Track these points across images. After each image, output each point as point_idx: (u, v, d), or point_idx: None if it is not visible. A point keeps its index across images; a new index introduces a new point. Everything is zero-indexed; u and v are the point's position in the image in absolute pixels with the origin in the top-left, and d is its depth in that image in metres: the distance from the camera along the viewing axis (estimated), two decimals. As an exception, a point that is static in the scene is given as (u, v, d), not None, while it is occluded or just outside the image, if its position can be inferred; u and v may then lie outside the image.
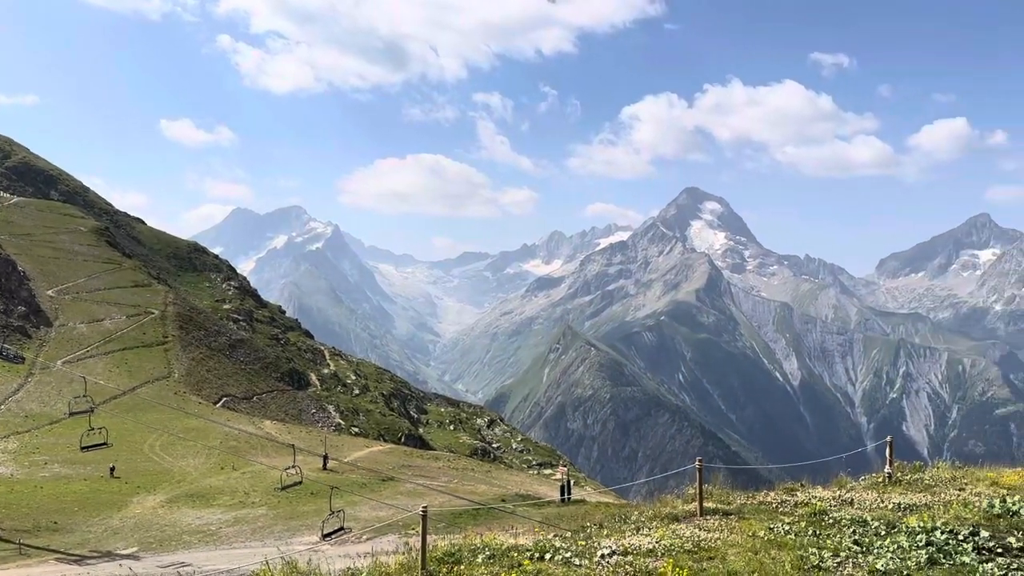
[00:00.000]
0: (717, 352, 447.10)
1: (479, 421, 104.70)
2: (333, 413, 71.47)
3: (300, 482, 35.40)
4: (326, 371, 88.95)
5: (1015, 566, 12.54)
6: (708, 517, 15.39)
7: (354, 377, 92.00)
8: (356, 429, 70.03)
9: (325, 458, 41.87)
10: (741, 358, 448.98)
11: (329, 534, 25.45)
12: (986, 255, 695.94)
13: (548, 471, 77.34)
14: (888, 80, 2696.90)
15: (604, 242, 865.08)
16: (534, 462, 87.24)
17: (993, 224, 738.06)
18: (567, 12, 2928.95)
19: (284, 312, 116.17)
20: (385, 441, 65.88)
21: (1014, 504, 15.63)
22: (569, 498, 37.07)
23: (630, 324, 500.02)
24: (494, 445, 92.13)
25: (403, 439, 72.59)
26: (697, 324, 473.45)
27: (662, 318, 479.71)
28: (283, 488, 34.60)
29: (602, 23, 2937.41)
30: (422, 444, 73.76)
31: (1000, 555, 13.12)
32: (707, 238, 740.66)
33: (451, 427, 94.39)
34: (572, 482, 42.09)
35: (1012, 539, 13.73)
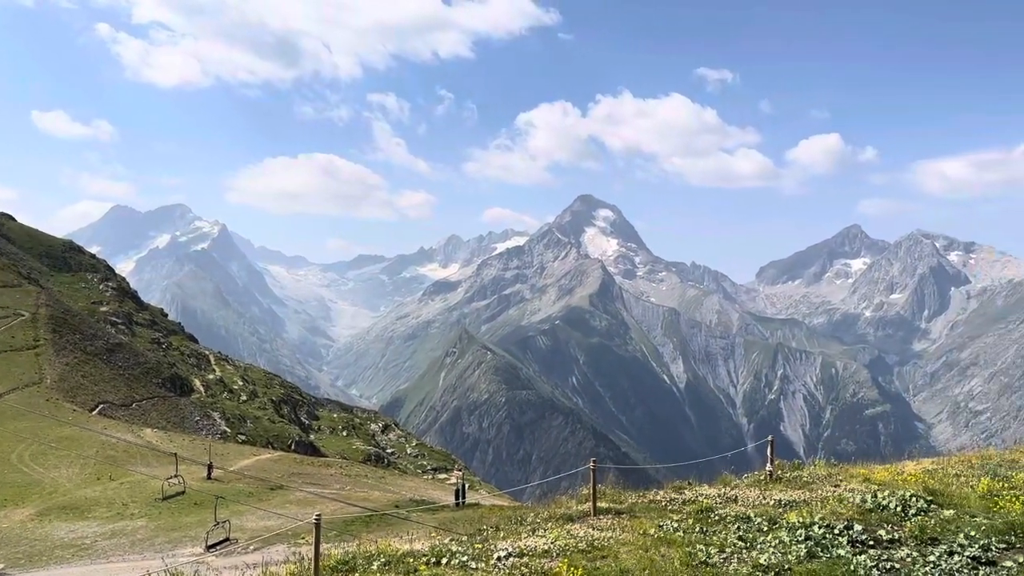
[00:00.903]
0: (609, 356, 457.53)
1: (373, 426, 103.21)
2: (218, 420, 68.84)
3: (183, 492, 33.96)
4: (211, 377, 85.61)
5: (885, 557, 13.40)
6: (601, 517, 15.68)
7: (241, 383, 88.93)
8: (243, 436, 67.70)
9: (209, 467, 40.29)
10: (631, 361, 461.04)
11: (214, 545, 24.49)
12: (857, 264, 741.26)
13: (443, 475, 77.07)
14: (768, 96, 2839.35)
15: (501, 247, 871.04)
16: (429, 467, 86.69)
17: (864, 235, 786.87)
18: (464, 16, 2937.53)
19: (166, 315, 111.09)
20: (274, 449, 63.98)
21: (884, 499, 16.66)
22: (464, 502, 37.01)
23: (526, 328, 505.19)
24: (388, 451, 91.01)
25: (293, 446, 70.67)
26: (590, 328, 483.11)
27: (557, 322, 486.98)
28: (165, 499, 33.09)
29: (498, 29, 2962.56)
30: (313, 451, 72.04)
31: (872, 547, 13.98)
32: (600, 244, 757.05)
33: (344, 433, 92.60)
34: (467, 486, 42.06)
35: (882, 532, 14.65)
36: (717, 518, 15.45)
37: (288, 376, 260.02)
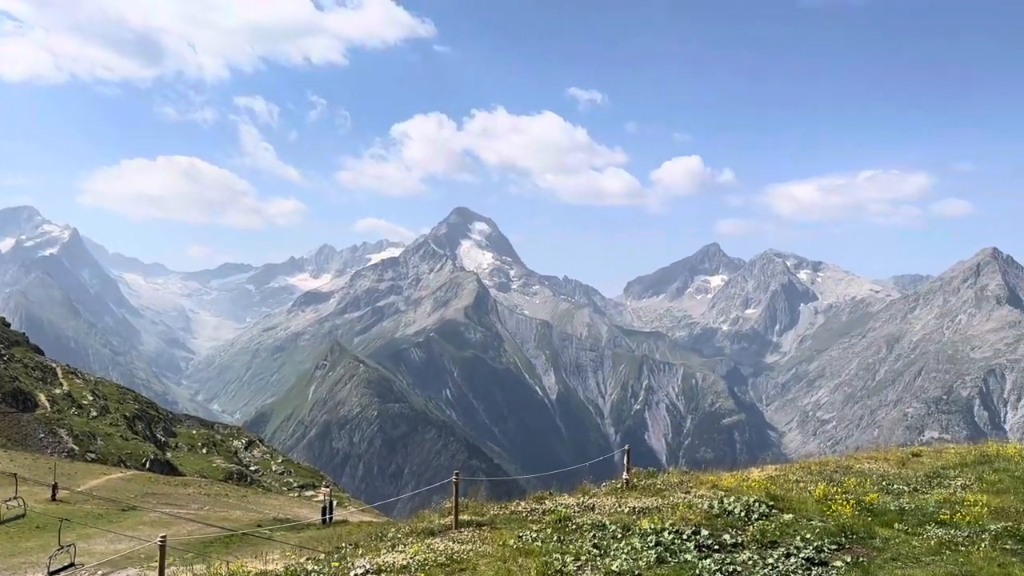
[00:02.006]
0: (483, 368, 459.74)
1: (236, 443, 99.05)
2: (65, 437, 64.21)
3: (23, 515, 31.57)
4: (58, 391, 79.74)
5: (728, 560, 14.16)
6: (463, 529, 15.76)
7: (91, 397, 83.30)
8: (93, 455, 63.42)
9: (54, 488, 37.58)
10: (505, 374, 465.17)
11: (57, 571, 22.87)
12: (716, 281, 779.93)
13: (310, 493, 74.93)
14: (635, 118, 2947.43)
15: (375, 257, 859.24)
16: (296, 484, 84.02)
17: (722, 253, 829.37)
18: (336, 22, 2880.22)
19: (8, 325, 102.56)
20: (127, 467, 60.32)
21: (730, 505, 17.61)
22: (331, 518, 36.20)
23: (400, 341, 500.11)
24: (252, 468, 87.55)
25: (148, 464, 66.81)
26: (464, 341, 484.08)
27: (431, 335, 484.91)
28: (2, 522, 30.63)
29: (372, 38, 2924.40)
30: (170, 470, 68.37)
31: (717, 551, 14.75)
32: (476, 257, 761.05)
33: (204, 450, 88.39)
34: (335, 502, 41.16)
35: (727, 536, 15.48)
36: (575, 527, 15.84)
37: (144, 390, 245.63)
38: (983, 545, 15.01)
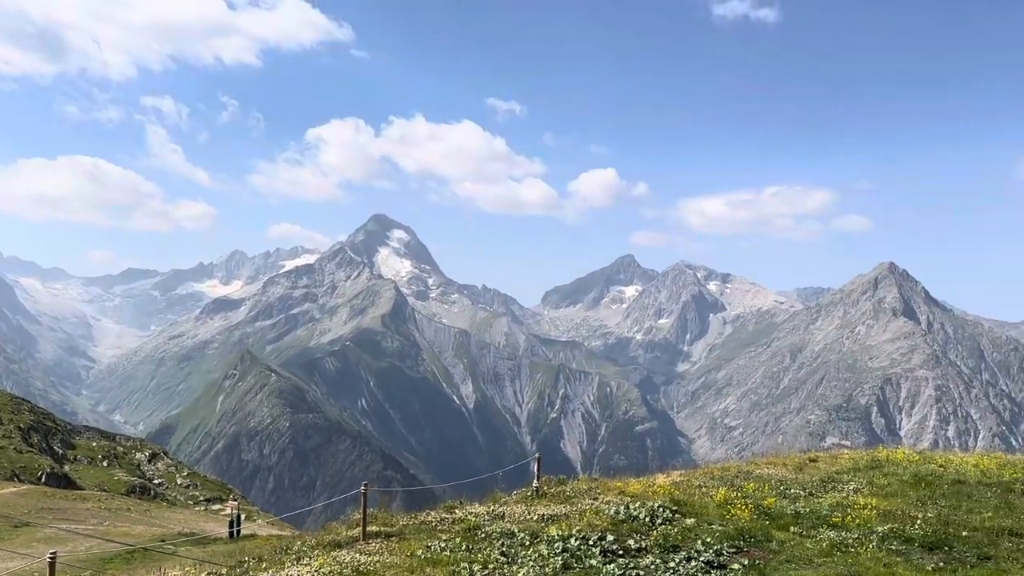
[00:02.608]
0: (400, 377, 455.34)
1: (139, 455, 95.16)
2: (-51, 452, 60.37)
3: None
4: (-58, 402, 75.00)
5: (632, 565, 14.51)
6: (371, 541, 15.64)
7: (-20, 409, 78.68)
8: (-20, 470, 59.84)
9: (-65, 506, 35.29)
10: (422, 383, 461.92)
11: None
12: (630, 291, 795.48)
13: (218, 506, 72.60)
14: (553, 129, 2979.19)
15: (289, 264, 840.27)
16: (202, 498, 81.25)
17: (637, 264, 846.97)
18: (250, 23, 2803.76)
19: None
20: (20, 481, 57.17)
21: (636, 510, 18.03)
22: (239, 532, 35.23)
23: (314, 350, 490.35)
24: (156, 481, 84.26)
25: (44, 478, 63.47)
26: (381, 350, 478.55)
27: (347, 343, 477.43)
28: None
29: (288, 39, 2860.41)
30: (68, 483, 65.13)
31: (621, 556, 15.09)
32: (394, 265, 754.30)
33: (104, 463, 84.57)
34: (243, 516, 40.08)
35: (632, 541, 15.85)
36: (484, 535, 15.94)
37: (40, 401, 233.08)
38: (871, 546, 15.82)
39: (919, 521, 17.46)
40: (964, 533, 16.56)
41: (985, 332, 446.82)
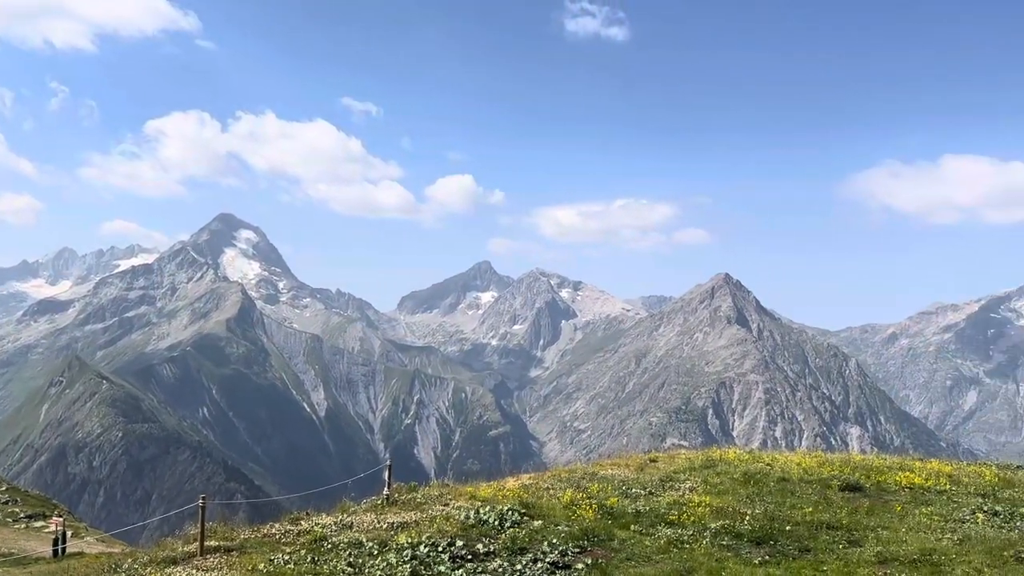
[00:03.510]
0: (246, 384, 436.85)
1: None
2: None
3: None
4: None
5: (480, 569, 14.61)
6: (209, 556, 14.92)
7: None
8: None
9: None
10: (270, 390, 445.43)
11: None
12: (486, 297, 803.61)
13: (40, 523, 66.71)
14: (410, 133, 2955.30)
15: (125, 264, 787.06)
16: (23, 514, 74.17)
17: (493, 271, 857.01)
18: (84, 5, 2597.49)
19: None
20: None
21: (485, 514, 18.17)
22: (64, 550, 32.57)
23: (151, 355, 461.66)
24: (-36, 500, 76.36)
25: None
26: (226, 356, 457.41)
27: (188, 349, 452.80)
28: None
29: (127, 25, 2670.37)
30: None
31: (470, 561, 15.17)
32: (241, 267, 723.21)
33: (-99, 481, 75.75)
34: (69, 533, 37.09)
35: (480, 545, 15.96)
36: (331, 546, 15.58)
37: None
38: (704, 542, 16.74)
39: (748, 517, 18.64)
40: (788, 528, 17.84)
41: (809, 339, 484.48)
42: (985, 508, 20.02)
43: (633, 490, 21.72)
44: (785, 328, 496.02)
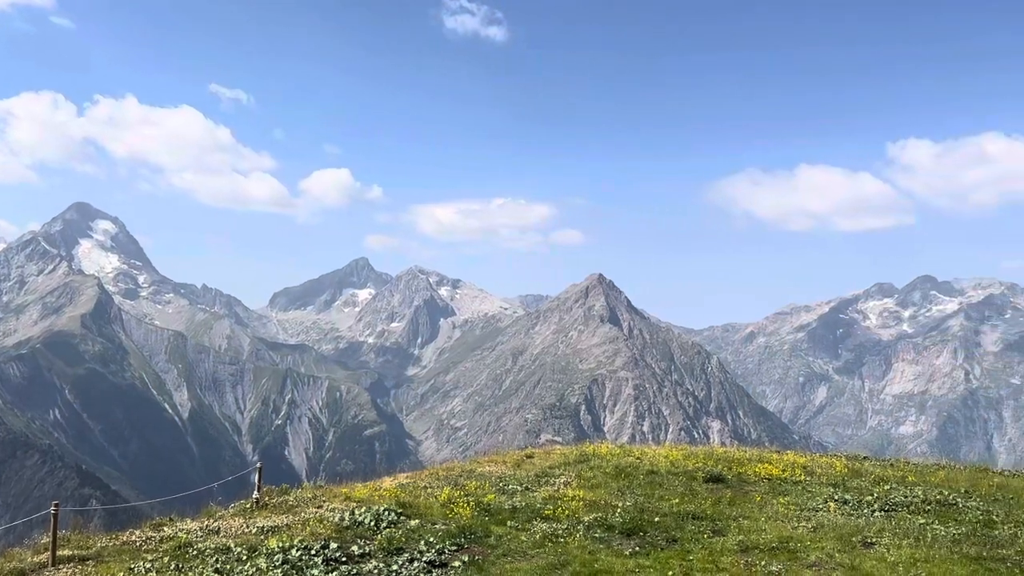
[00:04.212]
0: (102, 384, 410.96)
1: None
2: None
3: None
4: None
5: (355, 571, 14.35)
6: (62, 567, 13.95)
7: None
8: None
9: None
10: (129, 390, 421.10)
11: None
12: (364, 294, 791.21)
13: None
14: (284, 124, 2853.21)
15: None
16: None
17: (371, 268, 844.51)
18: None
19: None
20: None
21: (361, 515, 17.87)
22: None
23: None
24: None
25: None
26: (79, 354, 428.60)
27: (38, 346, 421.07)
28: None
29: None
30: None
31: (344, 563, 14.88)
32: (98, 260, 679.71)
33: None
34: None
35: (355, 547, 15.68)
36: (196, 553, 14.92)
37: None
38: (578, 535, 17.13)
39: (619, 510, 19.23)
40: (656, 519, 18.52)
41: (675, 338, 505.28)
42: (836, 497, 21.51)
43: (510, 486, 21.95)
44: (654, 327, 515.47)
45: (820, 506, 20.58)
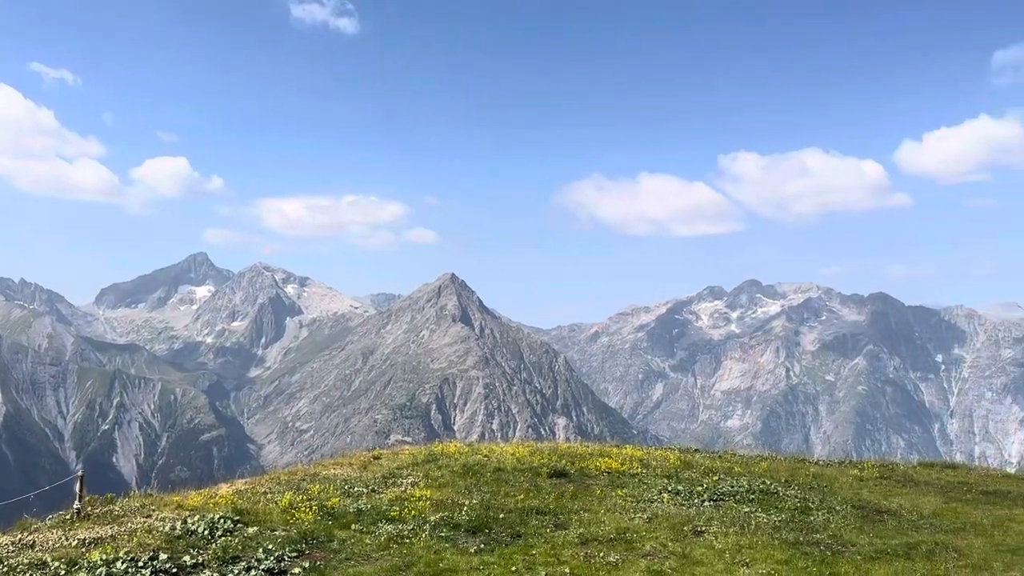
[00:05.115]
0: None
1: None
2: None
3: None
4: None
5: (185, 582, 13.67)
6: None
7: None
8: None
9: None
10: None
11: None
12: (202, 291, 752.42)
13: None
14: (114, 108, 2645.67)
15: None
16: None
17: (210, 263, 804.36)
18: None
19: None
20: None
21: (194, 524, 17.01)
22: None
23: None
24: None
25: None
26: None
27: None
28: None
29: None
30: None
31: (175, 574, 14.12)
32: None
33: None
34: None
35: (187, 557, 14.90)
36: (7, 569, 13.72)
37: None
38: (424, 535, 17.11)
39: (466, 508, 19.39)
40: (502, 515, 18.82)
41: (525, 337, 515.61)
42: (670, 488, 22.72)
43: (356, 489, 21.59)
44: (504, 326, 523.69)
45: (655, 497, 21.65)
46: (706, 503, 21.23)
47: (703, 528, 18.37)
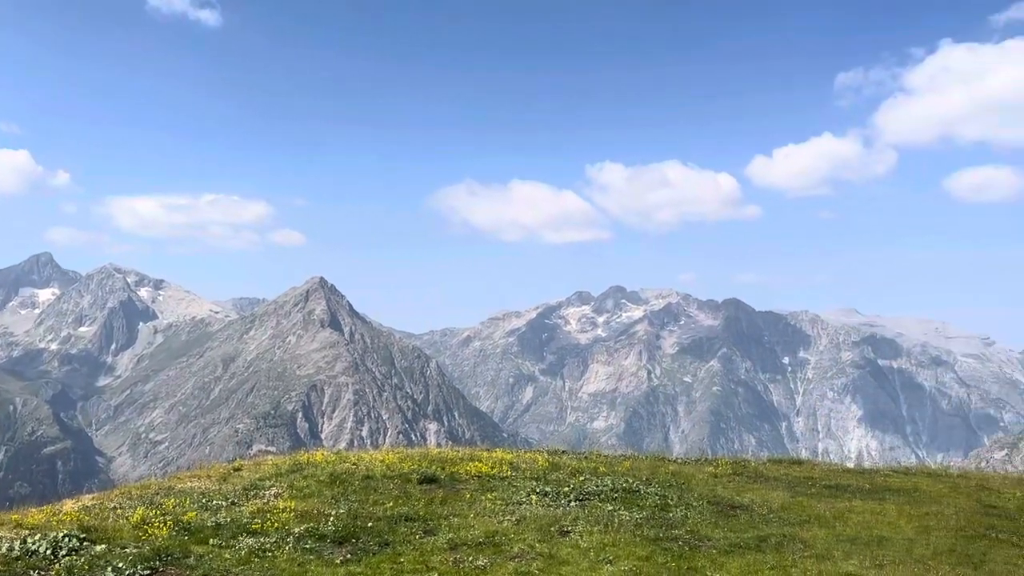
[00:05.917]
0: None
1: None
2: None
3: None
4: None
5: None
6: None
7: None
8: None
9: None
10: None
11: None
12: (46, 294, 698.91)
13: None
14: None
15: None
16: None
17: (55, 264, 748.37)
18: None
19: None
20: None
21: (35, 544, 15.81)
22: None
23: None
24: None
25: None
26: None
27: None
28: None
29: None
30: None
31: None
32: None
33: None
34: None
35: (26, 580, 13.84)
36: None
37: None
38: (287, 548, 16.60)
39: (332, 518, 18.98)
40: (370, 524, 18.56)
41: (396, 342, 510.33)
42: (538, 490, 23.10)
43: (214, 502, 20.69)
44: (375, 331, 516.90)
45: (524, 499, 21.96)
46: (572, 503, 21.73)
47: (569, 528, 18.81)
